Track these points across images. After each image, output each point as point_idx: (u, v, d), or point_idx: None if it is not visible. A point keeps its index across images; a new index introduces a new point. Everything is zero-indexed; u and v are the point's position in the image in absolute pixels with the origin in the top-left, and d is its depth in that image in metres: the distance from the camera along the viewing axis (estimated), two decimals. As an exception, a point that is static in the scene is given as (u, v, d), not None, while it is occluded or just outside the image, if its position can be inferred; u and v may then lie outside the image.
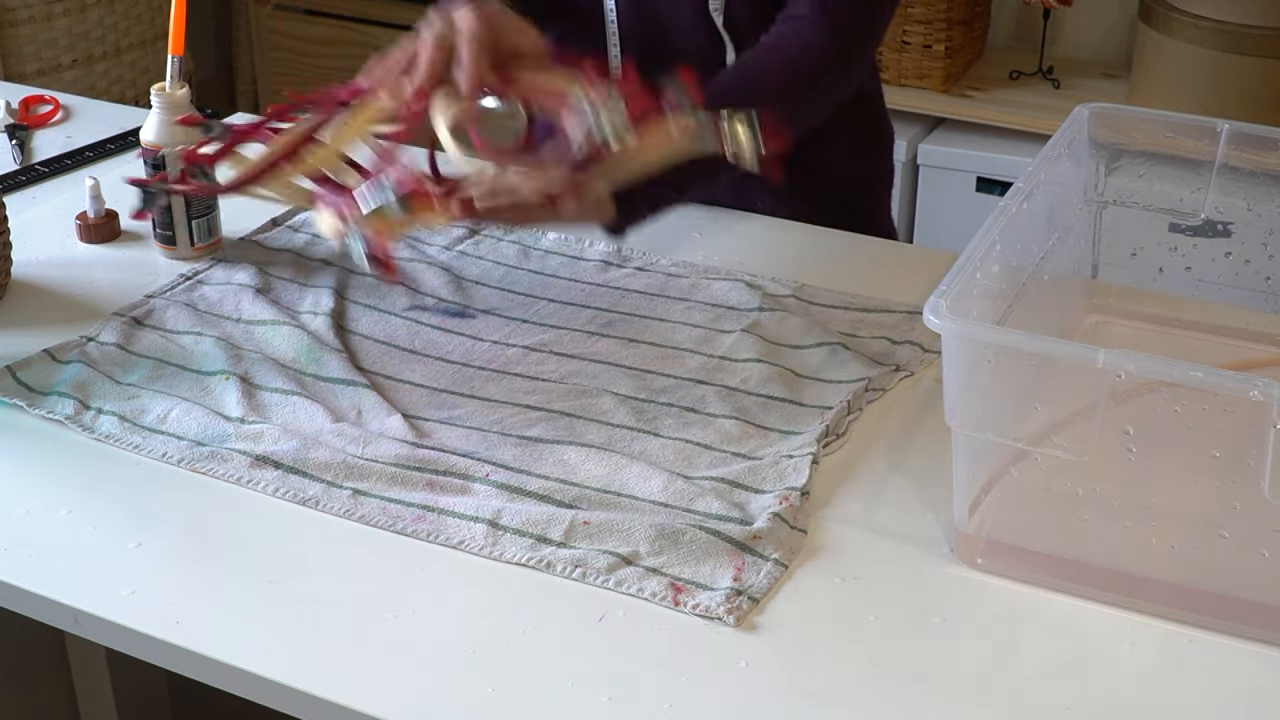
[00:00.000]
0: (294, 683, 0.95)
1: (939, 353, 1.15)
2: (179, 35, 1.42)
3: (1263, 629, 0.98)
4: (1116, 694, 0.94)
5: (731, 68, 1.42)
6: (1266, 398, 0.90)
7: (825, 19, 1.40)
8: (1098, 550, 1.02)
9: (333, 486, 1.12)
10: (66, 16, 2.90)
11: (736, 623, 0.99)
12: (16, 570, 1.04)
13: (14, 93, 1.87)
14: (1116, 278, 1.37)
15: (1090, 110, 1.30)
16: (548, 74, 1.21)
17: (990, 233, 1.08)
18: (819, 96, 1.44)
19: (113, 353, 1.29)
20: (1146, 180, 1.31)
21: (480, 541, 1.06)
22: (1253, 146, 1.27)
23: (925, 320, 0.98)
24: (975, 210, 2.62)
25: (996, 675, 0.96)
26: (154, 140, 1.42)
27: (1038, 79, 2.85)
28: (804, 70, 1.40)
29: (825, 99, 1.44)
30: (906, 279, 1.43)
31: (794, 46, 1.40)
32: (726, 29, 1.47)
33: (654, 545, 1.05)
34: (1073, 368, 0.99)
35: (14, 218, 1.50)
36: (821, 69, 1.41)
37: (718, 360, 1.29)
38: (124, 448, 1.17)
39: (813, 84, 1.42)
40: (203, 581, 1.03)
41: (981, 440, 1.03)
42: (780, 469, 1.14)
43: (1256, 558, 0.98)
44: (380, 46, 1.26)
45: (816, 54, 1.40)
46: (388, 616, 1.00)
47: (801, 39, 1.40)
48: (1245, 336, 1.32)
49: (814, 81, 1.42)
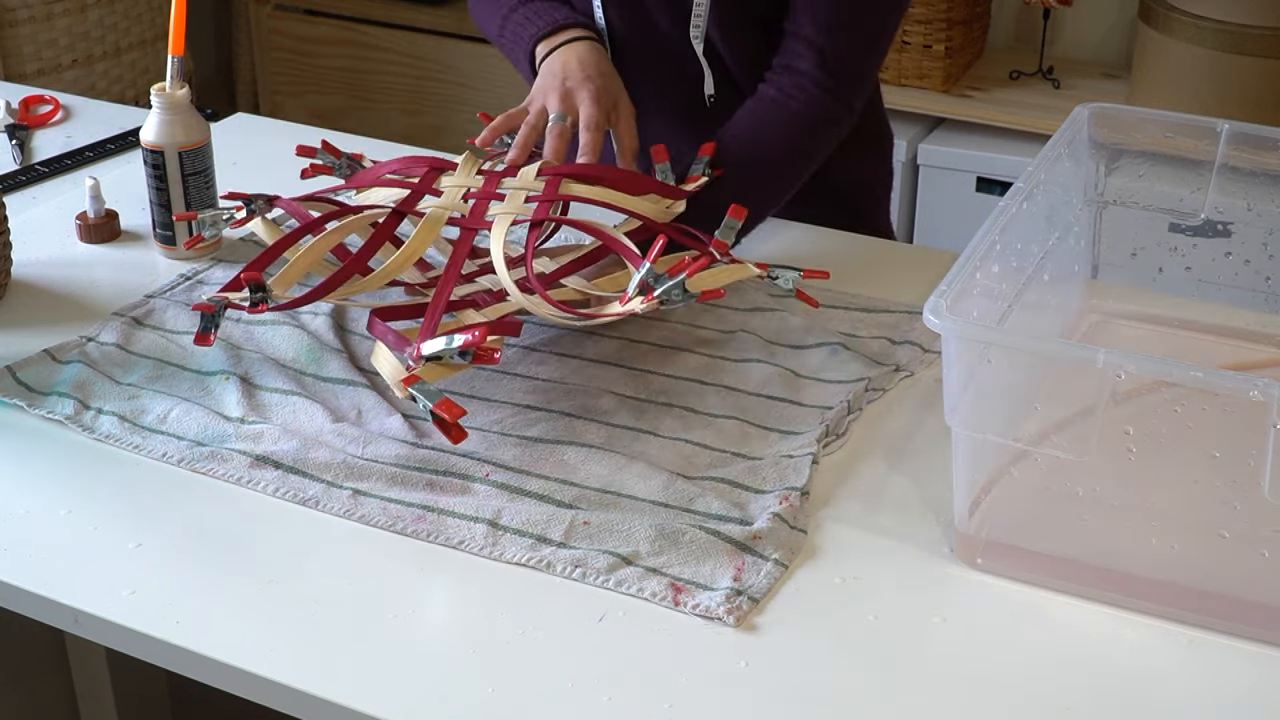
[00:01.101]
0: (294, 683, 0.95)
1: (939, 353, 1.15)
2: (179, 35, 1.42)
3: (1263, 629, 0.98)
4: (1116, 694, 0.94)
5: (737, 138, 1.43)
6: (1266, 398, 0.90)
7: (826, 75, 1.42)
8: (1098, 550, 1.02)
9: (333, 486, 1.12)
10: (66, 16, 2.90)
11: (736, 623, 0.99)
12: (16, 570, 1.04)
13: (14, 93, 1.87)
14: (1116, 278, 1.37)
15: (1090, 110, 1.30)
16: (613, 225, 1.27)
17: (990, 233, 1.08)
18: (826, 146, 1.47)
19: (113, 353, 1.29)
20: (1146, 180, 1.31)
21: (480, 541, 1.06)
22: (1253, 146, 1.27)
23: (925, 320, 0.98)
24: (975, 210, 2.62)
25: (996, 675, 0.96)
26: (154, 140, 1.43)
27: (1038, 79, 2.85)
28: (811, 126, 1.44)
29: (831, 145, 1.48)
30: (906, 279, 1.43)
31: (796, 100, 1.43)
32: (706, 57, 1.48)
33: (654, 545, 1.05)
34: (1073, 368, 0.99)
35: (14, 218, 1.50)
36: (828, 121, 1.45)
37: (718, 360, 1.29)
38: (124, 448, 1.17)
39: (822, 137, 1.46)
40: (203, 581, 1.03)
41: (981, 440, 1.03)
42: (780, 469, 1.14)
43: (1256, 558, 0.98)
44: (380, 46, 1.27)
45: (817, 108, 1.43)
46: (388, 616, 1.00)
47: (804, 94, 1.43)
48: (1245, 336, 1.32)
49: (823, 135, 1.46)
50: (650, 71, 1.51)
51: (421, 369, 1.12)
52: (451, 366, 1.13)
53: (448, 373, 1.14)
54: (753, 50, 1.48)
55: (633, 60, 1.51)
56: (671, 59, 1.50)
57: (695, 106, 1.51)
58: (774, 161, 1.43)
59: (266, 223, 1.33)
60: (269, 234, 1.31)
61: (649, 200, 1.32)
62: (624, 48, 1.51)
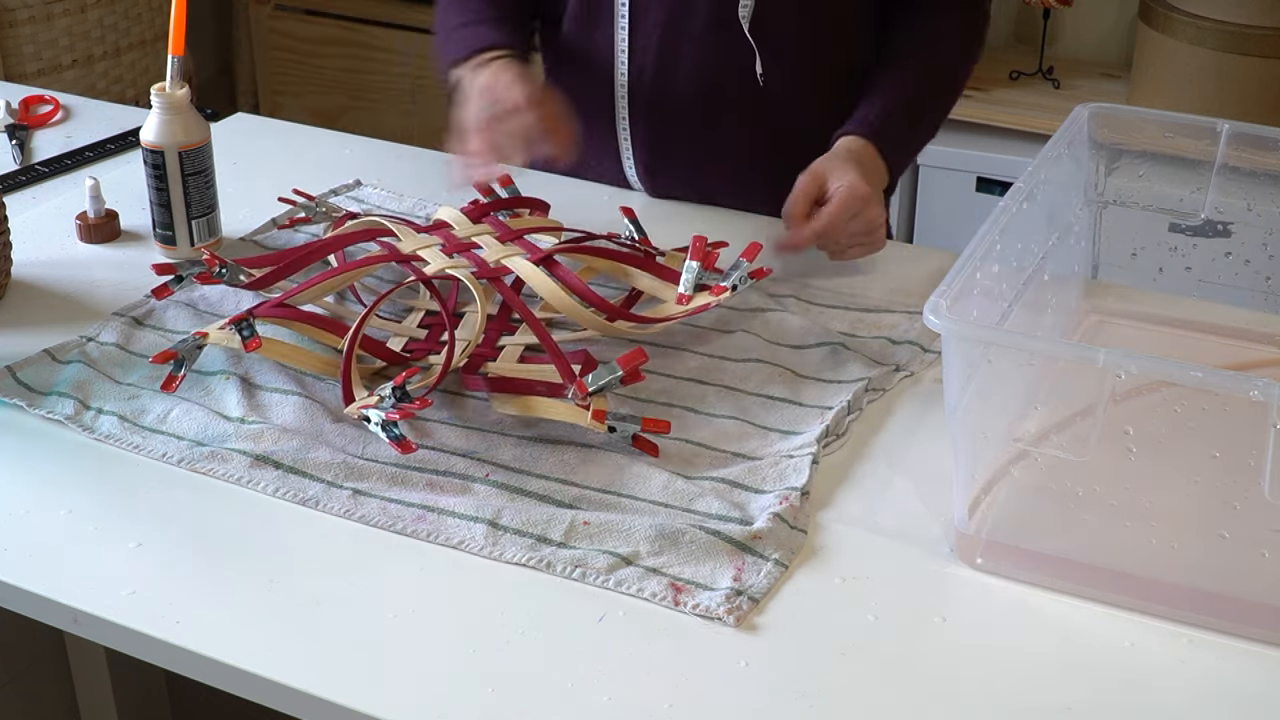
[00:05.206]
0: (294, 683, 0.95)
1: (939, 353, 1.15)
2: (179, 35, 1.42)
3: (1263, 629, 0.98)
4: (1116, 694, 0.94)
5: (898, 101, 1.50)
6: (1266, 398, 0.90)
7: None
8: (1098, 550, 1.02)
9: (333, 486, 1.12)
10: (66, 16, 2.90)
11: (736, 623, 0.99)
12: (16, 570, 1.04)
13: (14, 93, 1.87)
14: (1116, 278, 1.37)
15: (1090, 110, 1.30)
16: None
17: (990, 233, 1.08)
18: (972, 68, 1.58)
19: (113, 353, 1.29)
20: (1146, 180, 1.31)
21: (480, 541, 1.06)
22: (1253, 146, 1.27)
23: (925, 320, 0.98)
24: (975, 210, 2.62)
25: (996, 675, 0.96)
26: (154, 140, 1.43)
27: (1038, 79, 2.85)
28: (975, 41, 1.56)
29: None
30: (906, 279, 1.43)
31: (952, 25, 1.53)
32: (753, 35, 1.47)
33: (654, 545, 1.05)
34: (1073, 368, 0.99)
35: (14, 218, 1.50)
36: (983, 36, 1.57)
37: (718, 360, 1.29)
38: (124, 448, 1.17)
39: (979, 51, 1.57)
40: (203, 581, 1.03)
41: (981, 440, 1.03)
42: (780, 469, 1.14)
43: (1256, 558, 0.98)
44: (380, 46, 1.27)
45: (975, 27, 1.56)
46: (388, 616, 1.00)
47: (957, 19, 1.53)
48: (1245, 336, 1.32)
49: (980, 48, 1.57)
50: (693, 60, 1.50)
51: (596, 402, 1.14)
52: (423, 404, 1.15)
53: (603, 403, 1.16)
54: (800, 22, 1.48)
55: (671, 51, 1.50)
56: (715, 44, 1.49)
57: (746, 90, 1.51)
58: (952, 88, 1.55)
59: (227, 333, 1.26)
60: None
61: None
62: (661, 41, 1.50)
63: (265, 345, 1.23)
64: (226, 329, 1.22)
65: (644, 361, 1.16)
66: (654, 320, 1.29)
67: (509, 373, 1.23)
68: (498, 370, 1.23)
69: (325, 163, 1.68)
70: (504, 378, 1.22)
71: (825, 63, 1.53)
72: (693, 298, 1.30)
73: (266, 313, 1.25)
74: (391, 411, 1.12)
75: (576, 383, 1.15)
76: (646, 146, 1.56)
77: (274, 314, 1.25)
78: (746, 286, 1.30)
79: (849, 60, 1.54)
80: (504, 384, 1.21)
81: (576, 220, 1.44)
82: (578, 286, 1.28)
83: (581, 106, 1.50)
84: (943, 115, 1.56)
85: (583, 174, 1.62)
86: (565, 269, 1.29)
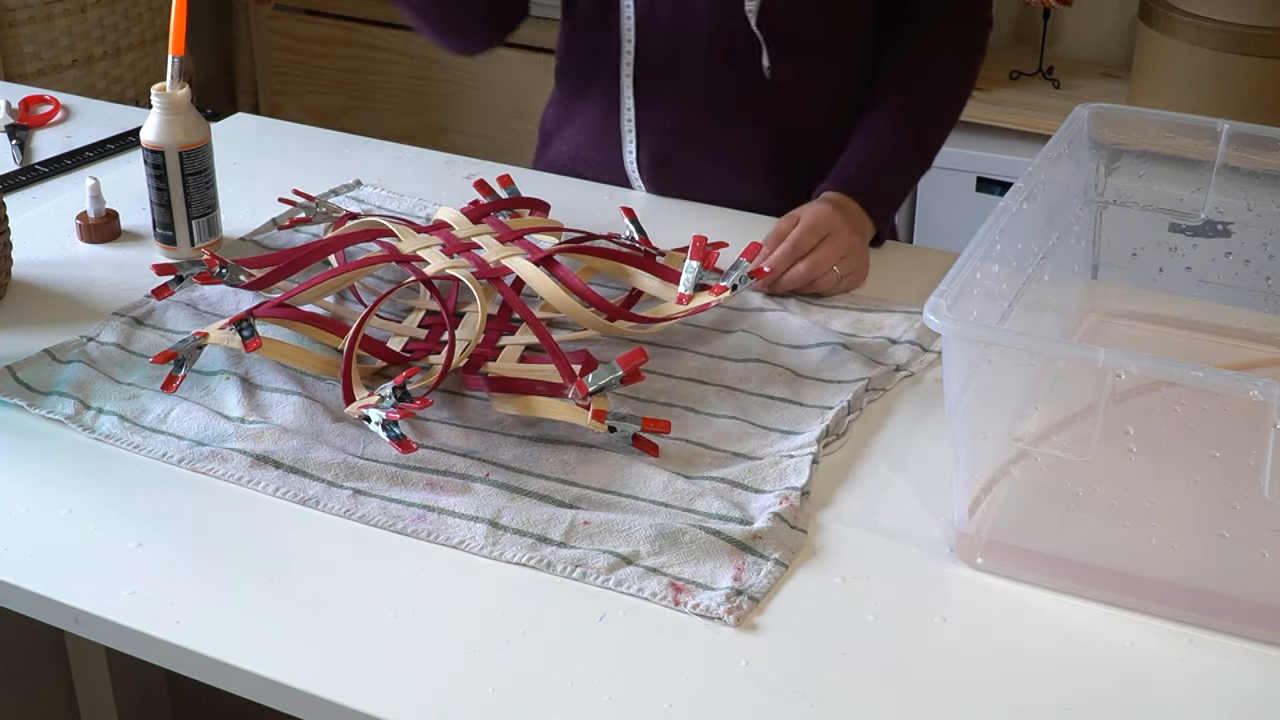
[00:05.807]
0: (294, 683, 0.95)
1: (939, 353, 1.15)
2: (179, 35, 1.42)
3: (1263, 629, 0.98)
4: (1117, 694, 0.94)
5: (895, 120, 1.52)
6: (1266, 398, 0.90)
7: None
8: (1098, 550, 1.02)
9: (333, 486, 1.12)
10: (66, 16, 2.90)
11: (736, 623, 0.99)
12: (16, 570, 1.04)
13: (14, 93, 1.87)
14: (1116, 278, 1.37)
15: (1090, 110, 1.30)
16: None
17: (990, 233, 1.08)
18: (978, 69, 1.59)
19: (113, 353, 1.29)
20: (1146, 180, 1.31)
21: (480, 541, 1.06)
22: (1253, 146, 1.27)
23: (925, 320, 0.98)
24: (975, 210, 2.62)
25: (996, 675, 0.96)
26: (154, 140, 1.43)
27: (1038, 79, 2.85)
28: (975, 53, 1.57)
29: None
30: (906, 279, 1.43)
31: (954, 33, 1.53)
32: (760, 28, 1.47)
33: (654, 545, 1.05)
34: (1073, 368, 0.99)
35: (14, 218, 1.50)
36: (984, 46, 1.58)
37: (718, 360, 1.29)
38: (124, 448, 1.17)
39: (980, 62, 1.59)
40: (203, 581, 1.03)
41: (981, 440, 1.03)
42: (780, 469, 1.14)
43: (1256, 558, 0.98)
44: (380, 46, 1.27)
45: (975, 38, 1.56)
46: (388, 616, 1.00)
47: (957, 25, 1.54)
48: (1245, 336, 1.32)
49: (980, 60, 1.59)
50: (699, 50, 1.50)
51: (596, 402, 1.14)
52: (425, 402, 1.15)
53: (603, 403, 1.15)
54: (808, 16, 1.48)
55: (677, 42, 1.50)
56: (720, 35, 1.49)
57: (752, 82, 1.51)
58: (957, 99, 1.57)
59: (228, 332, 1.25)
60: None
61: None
62: (667, 29, 1.50)
63: (265, 345, 1.23)
64: (227, 329, 1.22)
65: (644, 361, 1.16)
66: (654, 320, 1.29)
67: (509, 372, 1.23)
68: (498, 370, 1.23)
69: (325, 163, 1.69)
70: (504, 377, 1.22)
71: (832, 57, 1.53)
72: (693, 298, 1.30)
73: (267, 313, 1.25)
74: (392, 411, 1.13)
75: (577, 383, 1.15)
76: (651, 140, 1.56)
77: (274, 314, 1.25)
78: (746, 286, 1.30)
79: (856, 55, 1.54)
80: (504, 384, 1.21)
81: (576, 220, 1.45)
82: (578, 286, 1.28)
83: (588, 98, 1.50)
84: (939, 138, 1.56)
85: (582, 171, 1.62)
86: (565, 269, 1.29)
